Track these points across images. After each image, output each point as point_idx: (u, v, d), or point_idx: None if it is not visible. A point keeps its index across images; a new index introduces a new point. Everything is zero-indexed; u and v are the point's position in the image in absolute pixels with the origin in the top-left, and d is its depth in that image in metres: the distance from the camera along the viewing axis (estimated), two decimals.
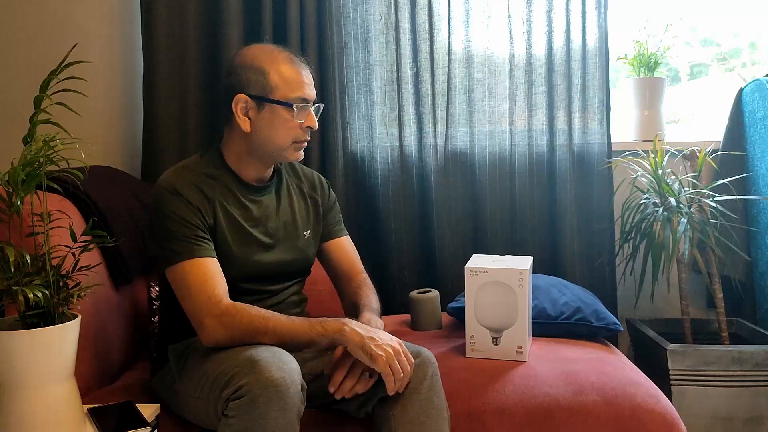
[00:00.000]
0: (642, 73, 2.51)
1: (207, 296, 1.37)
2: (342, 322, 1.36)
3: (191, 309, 1.39)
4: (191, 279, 1.39)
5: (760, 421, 2.03)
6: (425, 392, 1.40)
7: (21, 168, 1.17)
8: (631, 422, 1.50)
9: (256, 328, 1.35)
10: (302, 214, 1.65)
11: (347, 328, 1.35)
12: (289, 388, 1.23)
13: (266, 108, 1.49)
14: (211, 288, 1.39)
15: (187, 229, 1.42)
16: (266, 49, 1.52)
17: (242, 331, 1.35)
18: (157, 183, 1.48)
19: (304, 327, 1.36)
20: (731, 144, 2.42)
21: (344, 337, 1.34)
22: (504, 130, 2.37)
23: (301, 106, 1.50)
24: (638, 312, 2.41)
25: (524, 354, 1.66)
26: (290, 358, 1.29)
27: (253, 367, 1.24)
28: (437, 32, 2.33)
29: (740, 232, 2.34)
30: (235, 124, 1.50)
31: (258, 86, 1.48)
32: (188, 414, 1.43)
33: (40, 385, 1.15)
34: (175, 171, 1.50)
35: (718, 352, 2.02)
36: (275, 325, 1.35)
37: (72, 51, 1.33)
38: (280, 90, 1.48)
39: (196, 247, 1.42)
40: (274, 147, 1.51)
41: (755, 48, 2.80)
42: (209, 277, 1.40)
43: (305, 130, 1.53)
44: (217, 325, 1.35)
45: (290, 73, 1.49)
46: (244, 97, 1.48)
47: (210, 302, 1.37)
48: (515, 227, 2.37)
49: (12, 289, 1.14)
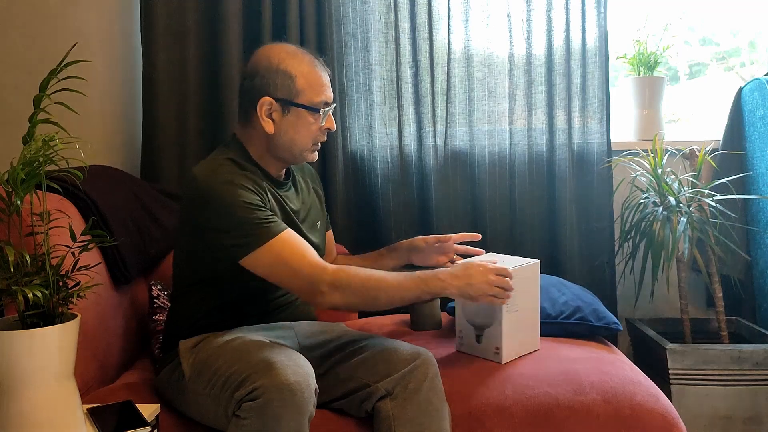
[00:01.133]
0: (641, 72, 2.52)
1: (312, 266, 1.40)
2: (439, 278, 1.45)
3: (299, 283, 1.41)
4: (287, 255, 1.40)
5: (760, 420, 2.03)
6: (425, 392, 1.41)
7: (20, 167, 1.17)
8: (631, 421, 1.50)
9: (369, 291, 1.41)
10: (314, 205, 1.70)
11: (446, 284, 1.45)
12: (304, 392, 1.23)
13: (291, 111, 1.51)
14: (311, 257, 1.42)
15: (260, 212, 1.42)
16: (290, 52, 1.53)
17: (358, 296, 1.41)
18: (201, 180, 1.44)
19: (410, 286, 1.43)
20: (731, 143, 2.42)
21: (446, 291, 1.45)
22: (503, 130, 2.37)
23: (324, 111, 1.53)
24: (638, 311, 2.41)
25: (500, 356, 1.62)
26: (305, 362, 1.30)
27: (268, 370, 1.24)
28: (437, 31, 2.33)
29: (740, 231, 2.34)
30: (258, 125, 1.51)
31: (284, 90, 1.49)
32: (194, 412, 1.43)
33: (40, 385, 1.15)
34: (215, 166, 1.47)
35: (718, 351, 2.02)
36: (387, 287, 1.42)
37: (71, 50, 1.33)
38: (306, 94, 1.50)
39: (275, 224, 1.42)
40: (296, 149, 1.54)
41: (754, 47, 2.80)
42: (303, 247, 1.43)
43: (324, 132, 1.56)
44: (332, 291, 1.39)
45: (315, 77, 1.52)
46: (269, 100, 1.49)
47: (317, 270, 1.40)
48: (515, 226, 2.37)
49: (11, 288, 1.14)
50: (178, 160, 2.24)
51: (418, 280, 1.44)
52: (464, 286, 1.45)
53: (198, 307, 1.54)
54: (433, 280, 1.44)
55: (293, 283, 1.43)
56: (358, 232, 2.34)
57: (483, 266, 1.49)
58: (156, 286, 1.86)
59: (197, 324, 1.52)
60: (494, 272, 1.49)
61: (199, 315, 1.53)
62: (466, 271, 1.48)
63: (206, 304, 1.53)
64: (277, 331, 1.55)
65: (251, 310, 1.55)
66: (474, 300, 1.49)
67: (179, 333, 1.53)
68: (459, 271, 1.48)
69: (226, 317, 1.53)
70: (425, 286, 1.44)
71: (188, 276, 1.55)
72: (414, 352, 1.46)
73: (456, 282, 1.45)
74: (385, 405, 1.40)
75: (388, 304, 1.44)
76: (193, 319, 1.53)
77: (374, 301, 1.43)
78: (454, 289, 1.46)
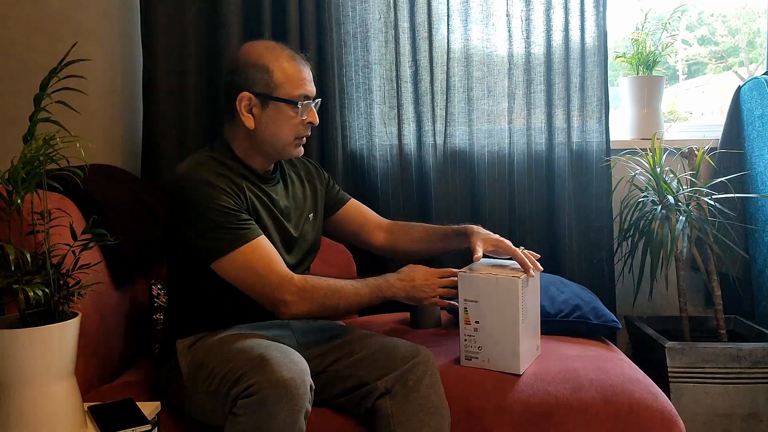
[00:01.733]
0: (640, 71, 2.52)
1: (278, 275, 1.43)
2: (389, 282, 1.52)
3: (264, 291, 1.43)
4: (255, 262, 1.42)
5: (758, 417, 2.03)
6: (424, 390, 1.41)
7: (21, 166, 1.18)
8: (630, 419, 1.50)
9: (331, 301, 1.47)
10: (304, 197, 1.70)
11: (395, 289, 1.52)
12: (299, 388, 1.24)
13: (270, 105, 1.51)
14: (278, 266, 1.44)
15: (233, 216, 1.43)
16: (268, 47, 1.54)
17: (320, 305, 1.46)
18: (180, 179, 1.46)
19: (365, 293, 1.50)
20: (729, 142, 2.42)
21: (396, 295, 1.52)
22: (503, 129, 2.37)
23: (304, 104, 1.52)
24: (637, 310, 2.42)
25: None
26: (300, 358, 1.31)
27: (263, 366, 1.25)
28: (436, 31, 2.34)
29: (738, 229, 2.35)
30: (239, 121, 1.52)
31: (262, 84, 1.50)
32: (193, 410, 1.43)
33: (41, 383, 1.15)
34: (195, 165, 1.49)
35: (716, 349, 2.02)
36: (346, 297, 1.48)
37: (72, 49, 1.34)
38: (284, 88, 1.50)
39: (248, 231, 1.44)
40: (278, 143, 1.54)
41: (753, 47, 2.81)
42: (272, 256, 1.45)
43: (306, 126, 1.56)
44: (297, 301, 1.43)
45: (293, 71, 1.51)
46: (248, 95, 1.50)
47: (283, 281, 1.43)
48: (514, 225, 2.37)
49: (12, 287, 1.14)
50: (179, 159, 2.23)
51: (373, 286, 1.51)
52: (409, 288, 1.53)
53: (193, 306, 1.54)
54: (384, 285, 1.52)
55: (259, 291, 1.44)
56: None
57: (425, 269, 1.56)
58: (156, 285, 1.87)
59: (193, 323, 1.52)
60: (437, 274, 1.55)
61: (195, 314, 1.53)
62: (411, 273, 1.55)
63: (201, 303, 1.53)
64: (273, 330, 1.56)
65: (247, 308, 1.55)
66: (419, 302, 1.55)
67: (176, 332, 1.53)
68: (404, 274, 1.55)
69: (222, 316, 1.53)
70: (378, 292, 1.51)
71: (182, 275, 1.55)
72: (413, 350, 1.47)
73: (401, 284, 1.53)
74: (384, 403, 1.41)
75: (347, 312, 1.55)
76: (189, 318, 1.53)
77: (335, 310, 1.49)
78: (401, 292, 1.52)
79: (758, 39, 2.77)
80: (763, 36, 2.70)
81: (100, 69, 2.28)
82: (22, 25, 2.26)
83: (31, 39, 2.27)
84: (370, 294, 1.50)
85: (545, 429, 1.50)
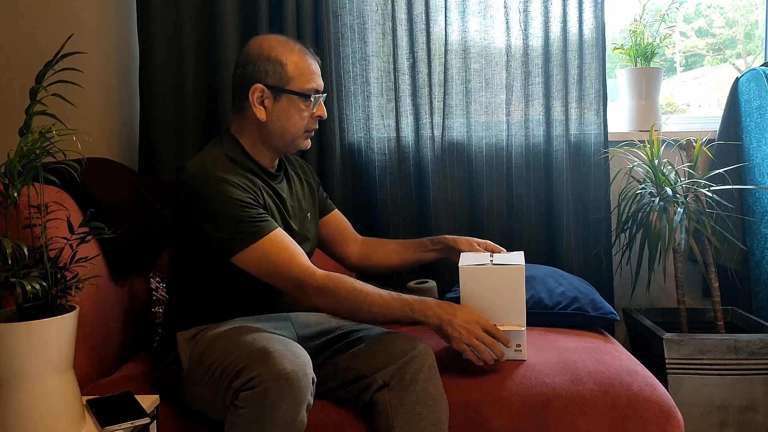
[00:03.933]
0: (638, 63, 2.52)
1: (300, 269, 1.43)
2: (426, 306, 1.45)
3: (285, 283, 1.44)
4: (275, 255, 1.42)
5: (756, 409, 2.04)
6: (422, 383, 1.42)
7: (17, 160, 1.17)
8: (628, 411, 1.50)
9: (352, 303, 1.43)
10: (304, 197, 1.71)
11: (430, 313, 1.44)
12: (301, 381, 1.24)
13: (283, 98, 1.53)
14: (298, 259, 1.44)
15: (251, 209, 1.43)
16: (280, 41, 1.56)
17: (341, 305, 1.44)
18: (196, 176, 1.45)
19: (395, 307, 1.44)
20: (727, 134, 2.42)
21: (427, 321, 1.45)
22: (501, 121, 2.37)
23: (315, 97, 1.55)
24: (634, 301, 2.42)
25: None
26: (302, 351, 1.31)
27: (265, 359, 1.25)
28: (434, 23, 2.33)
29: (736, 221, 2.35)
30: (250, 113, 1.53)
31: (275, 77, 1.52)
32: (193, 402, 1.44)
33: (39, 377, 1.15)
34: (207, 161, 1.48)
35: (714, 340, 2.03)
36: (371, 303, 1.43)
37: (68, 42, 1.33)
38: (297, 81, 1.53)
39: (266, 223, 1.44)
40: (289, 136, 1.55)
41: (750, 38, 2.80)
42: (292, 248, 1.45)
43: (315, 119, 1.59)
44: (317, 296, 1.42)
45: (305, 65, 1.54)
46: (261, 87, 1.51)
47: (304, 275, 1.42)
48: (512, 217, 2.37)
49: (9, 281, 1.14)
50: (176, 152, 2.23)
51: (405, 302, 1.45)
52: (446, 321, 1.44)
53: (194, 299, 1.54)
54: (417, 305, 1.45)
55: (281, 283, 1.45)
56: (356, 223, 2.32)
57: (474, 313, 1.48)
58: (155, 279, 1.87)
59: (194, 315, 1.52)
60: (482, 324, 1.47)
61: (196, 306, 1.53)
62: (455, 308, 1.47)
63: (203, 296, 1.54)
64: (273, 322, 1.56)
65: (247, 301, 1.56)
66: (448, 340, 1.45)
67: (177, 325, 1.53)
68: (448, 305, 1.47)
69: (223, 308, 1.54)
70: (410, 309, 1.45)
71: (185, 268, 1.55)
72: (411, 343, 1.47)
73: (439, 312, 1.45)
74: (383, 396, 1.41)
75: (368, 319, 1.48)
76: (190, 311, 1.53)
77: (355, 313, 1.46)
78: (435, 319, 1.44)
79: (756, 31, 2.76)
80: (761, 27, 2.70)
81: (97, 62, 2.27)
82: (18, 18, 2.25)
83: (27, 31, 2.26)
84: (400, 308, 1.44)
85: (543, 421, 1.50)
